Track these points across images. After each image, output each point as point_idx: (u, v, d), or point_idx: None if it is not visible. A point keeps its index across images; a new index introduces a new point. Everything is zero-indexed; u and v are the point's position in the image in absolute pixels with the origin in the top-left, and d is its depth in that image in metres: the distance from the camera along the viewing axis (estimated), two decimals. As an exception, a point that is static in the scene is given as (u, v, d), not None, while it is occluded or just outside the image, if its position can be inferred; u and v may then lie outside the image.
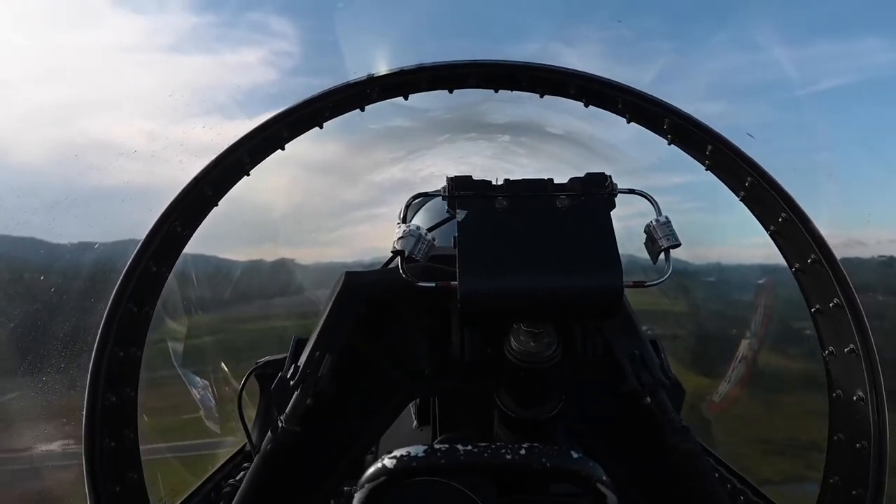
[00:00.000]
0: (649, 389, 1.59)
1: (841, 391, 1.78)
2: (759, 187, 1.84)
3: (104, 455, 1.74)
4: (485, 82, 1.99)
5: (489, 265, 1.30)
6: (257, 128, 1.88)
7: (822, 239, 1.77)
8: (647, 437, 1.62)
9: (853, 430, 1.72)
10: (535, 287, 1.29)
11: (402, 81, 1.95)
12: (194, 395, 4.85)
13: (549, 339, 1.39)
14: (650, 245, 1.43)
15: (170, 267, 1.95)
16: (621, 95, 1.90)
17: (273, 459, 1.63)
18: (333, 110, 1.99)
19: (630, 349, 1.61)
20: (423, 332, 1.70)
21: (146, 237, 1.81)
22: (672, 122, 1.89)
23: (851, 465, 1.71)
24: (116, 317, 1.78)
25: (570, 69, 1.89)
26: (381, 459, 1.25)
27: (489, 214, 1.38)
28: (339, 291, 1.65)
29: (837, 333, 1.78)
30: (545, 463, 1.24)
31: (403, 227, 1.40)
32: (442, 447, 1.26)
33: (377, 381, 1.72)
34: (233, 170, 1.94)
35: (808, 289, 1.87)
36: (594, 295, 1.29)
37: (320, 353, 1.60)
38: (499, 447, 1.26)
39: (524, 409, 1.52)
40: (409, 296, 1.61)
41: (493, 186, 1.43)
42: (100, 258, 3.42)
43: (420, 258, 1.39)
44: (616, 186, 1.43)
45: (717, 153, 1.87)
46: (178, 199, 1.83)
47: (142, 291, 1.84)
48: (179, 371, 4.81)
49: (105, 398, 1.75)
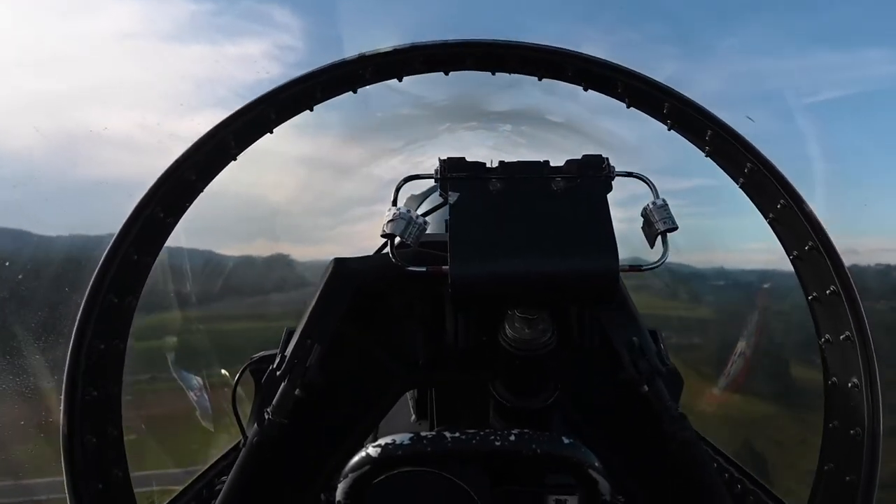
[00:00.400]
0: (646, 378, 1.55)
1: (836, 378, 1.76)
2: (758, 173, 1.81)
3: (85, 451, 1.68)
4: (481, 63, 1.94)
5: (482, 248, 1.27)
6: (242, 108, 1.82)
7: (819, 226, 1.75)
8: (644, 426, 1.59)
9: (848, 417, 1.71)
10: (529, 271, 1.25)
11: (395, 61, 1.89)
12: (188, 394, 4.80)
13: (543, 326, 1.36)
14: (647, 229, 1.40)
15: (153, 255, 1.88)
16: (620, 78, 1.86)
17: (260, 452, 1.58)
18: (324, 91, 1.92)
19: (627, 337, 1.58)
20: (416, 320, 1.66)
21: (124, 224, 1.75)
22: (672, 107, 1.85)
23: (845, 452, 1.70)
24: (95, 307, 1.72)
25: (568, 49, 1.84)
26: (364, 448, 1.20)
27: (482, 197, 1.34)
28: (329, 278, 1.60)
29: (834, 321, 1.77)
30: (535, 449, 1.21)
31: (393, 209, 1.36)
32: (428, 434, 1.21)
33: (369, 372, 1.67)
34: (217, 153, 1.88)
35: (806, 276, 1.85)
36: (590, 279, 1.25)
37: (309, 342, 1.55)
38: (487, 433, 1.22)
39: (519, 399, 1.49)
40: (401, 283, 1.58)
41: (487, 169, 1.39)
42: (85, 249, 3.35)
43: (411, 242, 1.35)
44: (613, 169, 1.40)
45: (716, 138, 1.84)
46: (158, 184, 1.77)
47: (122, 281, 1.78)
48: (171, 368, 4.77)
49: (85, 392, 1.69)
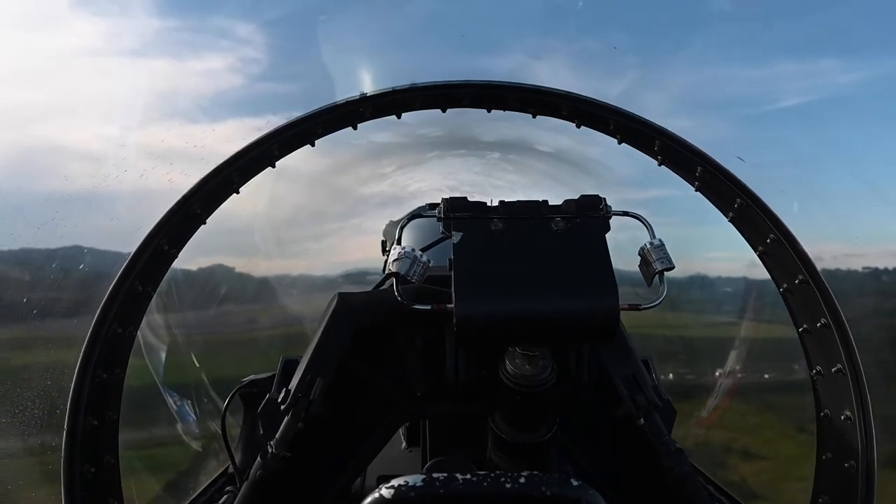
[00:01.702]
0: (643, 411, 1.58)
1: (829, 411, 1.79)
2: (747, 209, 1.86)
3: (84, 482, 1.68)
4: (478, 102, 2.00)
5: (485, 288, 1.29)
6: (248, 146, 1.86)
7: (809, 260, 1.79)
8: (641, 460, 1.61)
9: (841, 449, 1.73)
10: (532, 310, 1.28)
11: (395, 100, 1.95)
12: (174, 414, 4.72)
13: (544, 362, 1.37)
14: (644, 268, 1.44)
15: (155, 286, 1.91)
16: (613, 117, 1.92)
17: (262, 486, 1.58)
18: (326, 128, 1.98)
19: (624, 371, 1.61)
20: (416, 353, 1.67)
21: (132, 256, 1.77)
22: (663, 144, 1.92)
23: (840, 485, 1.72)
24: (100, 337, 1.73)
25: (563, 91, 1.91)
26: (378, 489, 1.22)
27: (484, 236, 1.37)
28: (332, 313, 1.62)
29: (825, 353, 1.80)
30: (545, 491, 1.22)
31: (398, 248, 1.39)
32: (440, 476, 1.23)
33: (370, 404, 1.68)
34: (222, 187, 1.92)
35: (796, 309, 1.89)
36: (591, 318, 1.28)
37: (312, 376, 1.56)
38: (498, 476, 1.24)
39: (519, 433, 1.49)
40: (403, 318, 1.60)
41: (489, 208, 1.42)
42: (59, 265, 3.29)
43: (415, 280, 1.38)
44: (610, 209, 1.43)
45: (706, 174, 1.90)
46: (167, 218, 1.80)
47: (126, 311, 1.80)
48: (160, 387, 4.68)
49: (87, 422, 1.70)
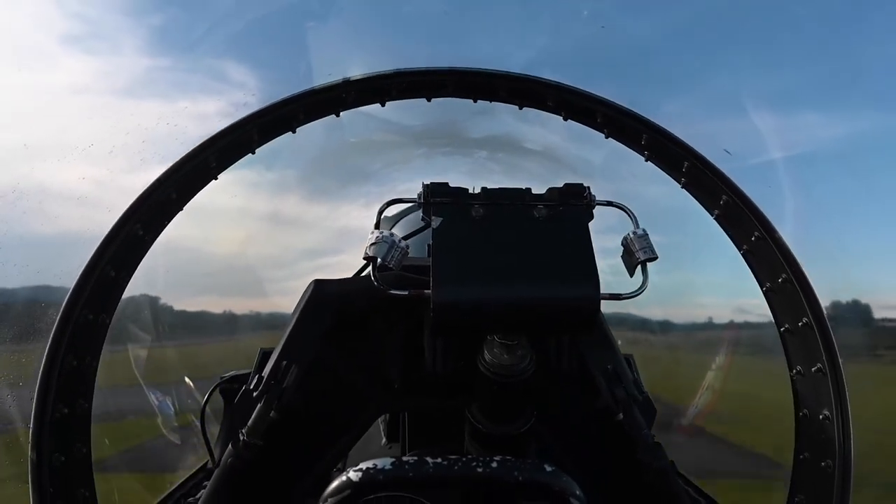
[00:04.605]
0: (623, 405, 1.56)
1: (807, 410, 1.79)
2: (733, 206, 1.85)
3: (52, 470, 1.63)
4: (463, 91, 1.98)
5: (464, 274, 1.28)
6: (226, 128, 1.83)
7: (793, 258, 1.79)
8: (619, 454, 1.60)
9: (819, 449, 1.73)
10: (511, 298, 1.27)
11: (378, 86, 1.92)
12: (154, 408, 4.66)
13: (522, 352, 1.35)
14: (627, 258, 1.43)
15: (130, 273, 1.87)
16: (600, 109, 1.91)
17: (233, 474, 1.55)
18: (307, 114, 1.95)
19: (604, 364, 1.59)
20: (394, 344, 1.65)
21: (103, 240, 1.73)
22: (650, 138, 1.91)
23: (816, 484, 1.72)
24: (70, 322, 1.69)
25: (550, 80, 1.89)
26: (345, 472, 1.19)
27: (465, 222, 1.35)
28: (308, 299, 1.59)
29: (806, 353, 1.80)
30: (517, 476, 1.21)
31: (376, 233, 1.37)
32: (410, 459, 1.21)
33: (346, 395, 1.66)
34: (199, 171, 1.88)
35: (778, 308, 1.88)
36: (570, 307, 1.27)
37: (286, 363, 1.53)
38: (469, 460, 1.22)
39: (496, 424, 1.48)
40: (380, 305, 1.58)
41: (470, 194, 1.41)
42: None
43: (393, 266, 1.35)
44: (594, 198, 1.43)
45: (693, 170, 1.89)
46: (140, 202, 1.76)
47: (98, 297, 1.76)
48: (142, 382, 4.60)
49: (56, 409, 1.65)
